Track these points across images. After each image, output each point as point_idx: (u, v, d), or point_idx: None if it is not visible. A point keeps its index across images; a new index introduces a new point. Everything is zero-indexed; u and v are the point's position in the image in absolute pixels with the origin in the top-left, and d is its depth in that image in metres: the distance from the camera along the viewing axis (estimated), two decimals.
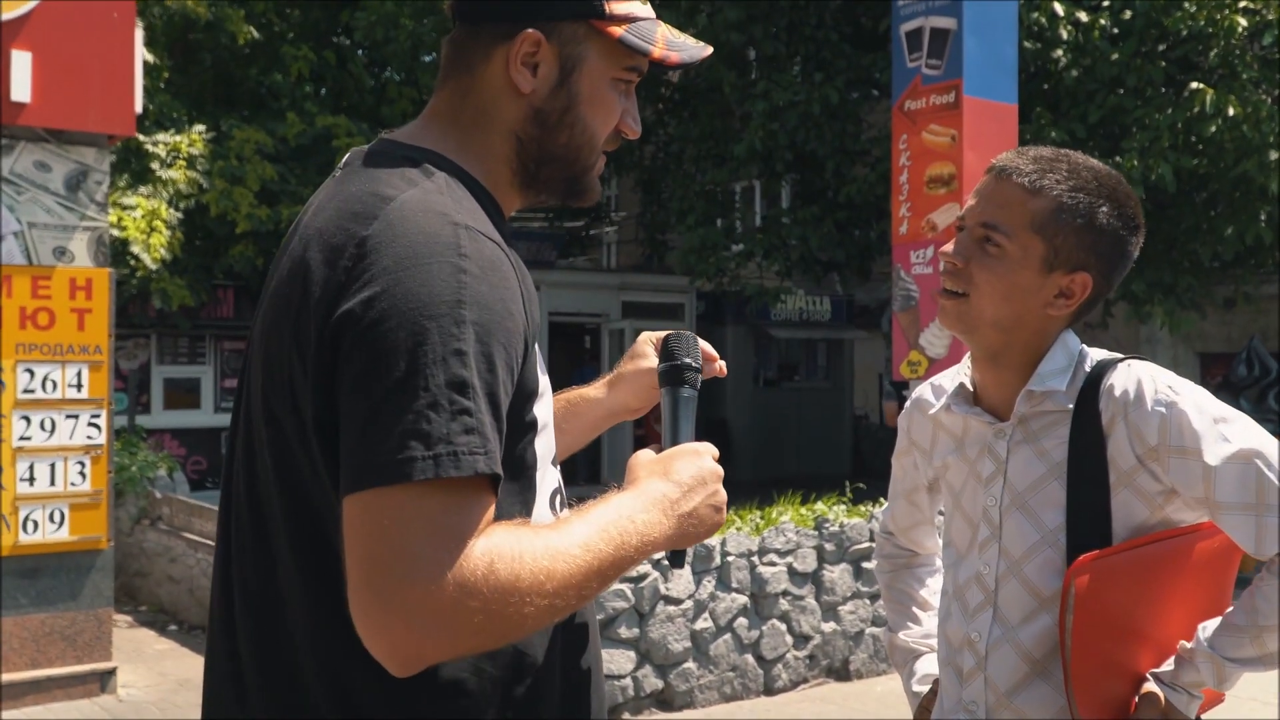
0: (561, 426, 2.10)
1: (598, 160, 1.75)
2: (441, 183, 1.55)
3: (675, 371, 1.82)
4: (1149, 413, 1.98)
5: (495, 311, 1.44)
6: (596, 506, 1.51)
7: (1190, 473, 1.96)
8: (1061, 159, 2.09)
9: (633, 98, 1.77)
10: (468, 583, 1.32)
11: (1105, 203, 2.05)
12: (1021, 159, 2.10)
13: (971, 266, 2.07)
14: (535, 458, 1.60)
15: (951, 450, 2.29)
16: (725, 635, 7.00)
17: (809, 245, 14.70)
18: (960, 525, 2.25)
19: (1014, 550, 2.12)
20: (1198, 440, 1.95)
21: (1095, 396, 2.05)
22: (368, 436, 1.36)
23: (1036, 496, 2.10)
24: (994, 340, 2.11)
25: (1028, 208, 2.04)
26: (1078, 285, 2.06)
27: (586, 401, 2.16)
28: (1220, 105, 10.91)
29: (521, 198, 1.74)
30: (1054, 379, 2.09)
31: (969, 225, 2.12)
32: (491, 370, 1.42)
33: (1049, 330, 2.13)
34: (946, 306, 2.12)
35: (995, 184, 2.10)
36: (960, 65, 8.24)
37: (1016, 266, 2.04)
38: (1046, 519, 2.08)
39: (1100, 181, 2.07)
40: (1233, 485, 1.93)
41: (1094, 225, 2.04)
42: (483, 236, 1.49)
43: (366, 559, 1.33)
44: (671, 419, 1.78)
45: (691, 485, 1.62)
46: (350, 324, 1.41)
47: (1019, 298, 2.06)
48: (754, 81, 14.71)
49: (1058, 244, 2.03)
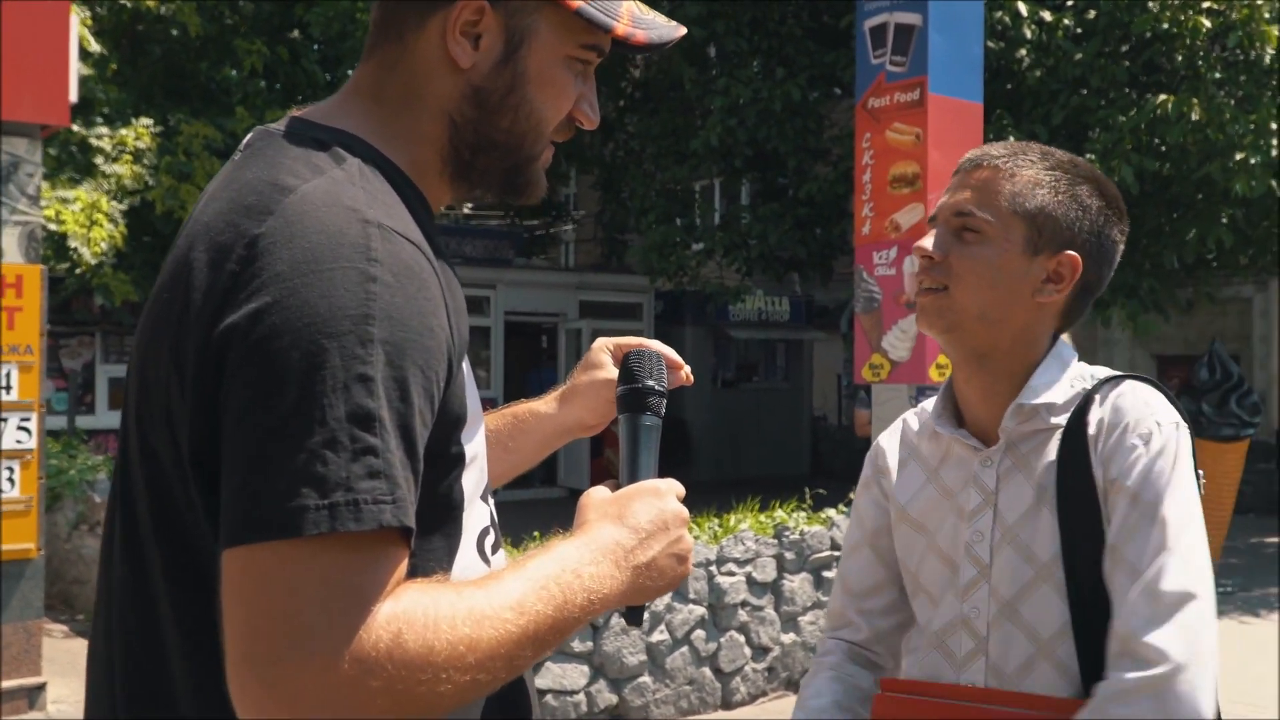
0: (508, 445, 1.89)
1: (544, 151, 1.51)
2: (354, 171, 1.31)
3: (636, 396, 1.59)
4: (1126, 445, 1.80)
5: (411, 328, 1.21)
6: (536, 557, 1.29)
7: (1122, 514, 1.78)
8: (1031, 145, 1.97)
9: (591, 82, 1.53)
10: (368, 658, 1.09)
11: (1084, 182, 1.93)
12: (990, 148, 1.98)
13: (950, 258, 1.90)
14: (462, 495, 1.37)
15: (923, 481, 2.07)
16: (682, 648, 6.79)
17: (769, 243, 14.52)
18: (934, 566, 2.01)
19: (1006, 590, 1.89)
20: (1154, 491, 1.77)
21: (1087, 411, 1.86)
22: (252, 480, 1.12)
23: (1027, 528, 1.88)
24: (980, 336, 1.91)
25: (1004, 189, 1.90)
26: (1066, 266, 1.90)
27: (536, 417, 1.93)
28: (1184, 108, 10.81)
29: (453, 190, 1.49)
30: (1048, 391, 1.90)
31: (943, 217, 1.94)
32: (405, 399, 1.19)
33: (1040, 326, 1.94)
34: (926, 305, 1.93)
35: (966, 175, 1.96)
36: (925, 62, 8.04)
37: (999, 249, 1.88)
38: (1040, 551, 1.87)
39: (1075, 164, 1.95)
40: (1143, 551, 1.74)
41: (1077, 201, 1.91)
42: (399, 237, 1.25)
43: (246, 629, 1.10)
44: (630, 451, 1.55)
45: (650, 531, 1.40)
46: (235, 341, 1.17)
47: (1005, 283, 1.89)
48: (715, 78, 14.51)
49: (1040, 222, 1.89)
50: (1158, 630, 1.68)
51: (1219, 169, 10.94)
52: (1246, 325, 20.47)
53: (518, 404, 1.96)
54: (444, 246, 1.39)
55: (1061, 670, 1.82)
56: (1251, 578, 11.91)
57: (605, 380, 1.87)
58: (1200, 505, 1.82)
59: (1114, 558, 1.77)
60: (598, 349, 1.93)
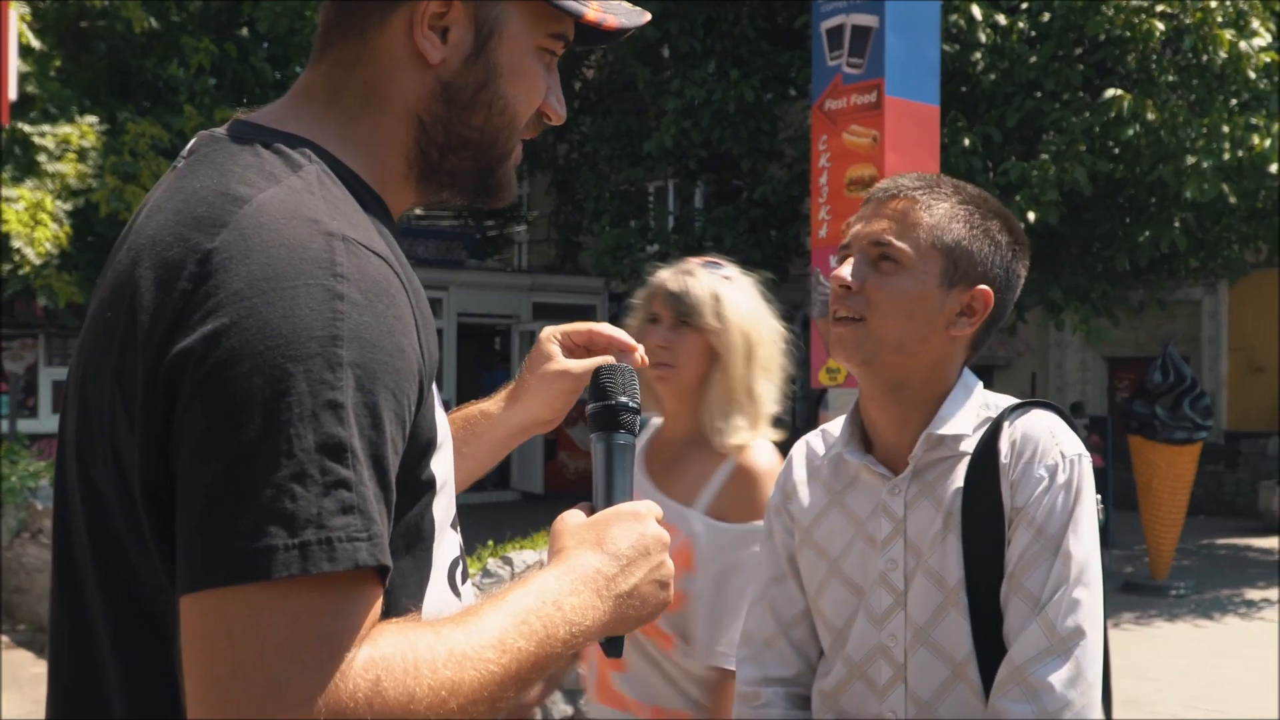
0: (462, 450, 1.78)
1: (515, 149, 1.42)
2: (312, 179, 1.21)
3: (609, 414, 1.49)
4: (1033, 475, 1.84)
5: (381, 348, 1.11)
6: (515, 590, 1.21)
7: (1023, 543, 1.83)
8: (942, 179, 2.01)
9: (556, 75, 1.44)
10: (346, 709, 1.01)
11: (995, 218, 1.97)
12: (903, 178, 2.01)
13: (868, 288, 1.92)
14: (433, 525, 1.28)
15: (825, 504, 2.07)
16: None
17: (723, 246, 14.45)
18: (837, 593, 2.01)
19: (919, 617, 1.92)
20: (1057, 524, 1.83)
21: (996, 438, 1.89)
22: (212, 519, 1.03)
23: (936, 554, 1.91)
24: (895, 368, 1.93)
25: (923, 221, 1.93)
26: (979, 300, 1.94)
27: (488, 419, 1.83)
28: (1137, 110, 10.84)
29: (418, 194, 1.40)
30: (957, 421, 1.93)
31: (859, 246, 1.94)
32: (377, 426, 1.10)
33: (951, 358, 1.97)
34: (843, 335, 1.93)
35: (880, 205, 1.98)
36: (882, 64, 8.01)
37: (917, 281, 1.91)
38: (948, 576, 1.89)
39: (985, 200, 2.00)
40: (1044, 584, 1.81)
41: (989, 236, 1.95)
42: (365, 250, 1.16)
43: (212, 684, 1.00)
44: (605, 473, 1.45)
45: (631, 558, 1.32)
46: (189, 367, 1.07)
47: (921, 314, 1.91)
48: (669, 79, 14.43)
49: (956, 256, 1.92)
50: (1052, 665, 1.75)
51: (1171, 172, 10.98)
52: (1195, 327, 20.64)
53: (467, 406, 1.87)
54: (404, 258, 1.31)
55: (976, 692, 1.86)
56: (1203, 580, 11.98)
57: (556, 372, 1.79)
58: (1098, 538, 1.88)
59: (1012, 584, 1.82)
60: (545, 339, 1.84)
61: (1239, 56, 11.08)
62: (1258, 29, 11.24)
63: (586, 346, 1.84)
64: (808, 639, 2.11)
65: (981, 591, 1.86)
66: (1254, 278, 16.55)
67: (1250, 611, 10.54)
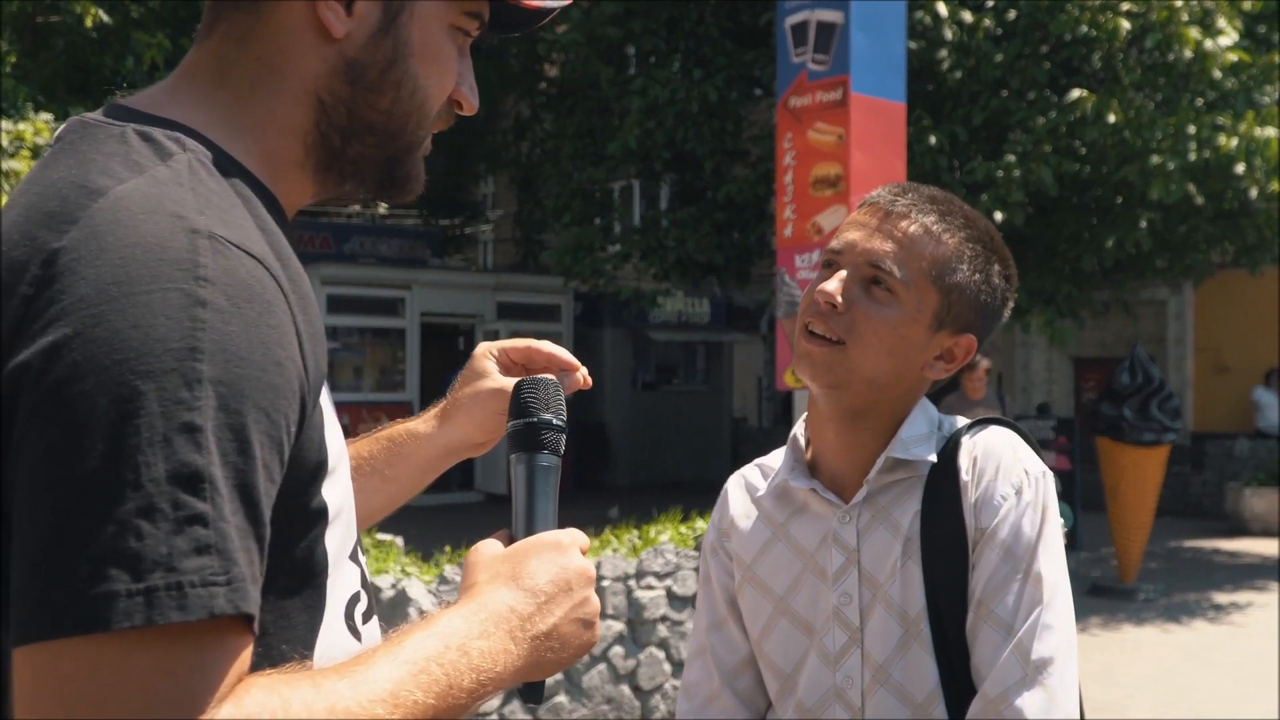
0: (385, 473, 1.65)
1: (425, 139, 1.27)
2: (183, 169, 1.05)
3: (530, 432, 1.34)
4: (997, 494, 1.71)
5: (251, 362, 0.96)
6: (414, 634, 1.06)
7: (991, 566, 1.70)
8: (955, 205, 1.85)
9: (469, 60, 1.30)
10: None
11: (996, 259, 1.84)
12: (916, 197, 1.83)
13: (855, 312, 1.76)
14: (326, 558, 1.13)
15: (768, 538, 1.90)
16: (600, 665, 6.55)
17: (687, 248, 14.34)
18: (786, 633, 1.85)
19: (878, 654, 1.76)
20: (1025, 545, 1.71)
21: (955, 456, 1.76)
22: (47, 560, 0.88)
23: (894, 584, 1.76)
24: (863, 398, 1.79)
25: (929, 252, 1.77)
26: (961, 348, 1.83)
27: (415, 439, 1.68)
28: (1102, 110, 10.77)
29: (316, 186, 1.25)
30: (919, 446, 1.79)
31: (854, 263, 1.77)
32: (244, 451, 0.94)
33: (916, 393, 1.84)
34: (815, 355, 1.76)
35: (886, 220, 1.80)
36: (847, 61, 7.88)
37: (909, 318, 1.77)
38: (910, 607, 1.74)
39: (990, 236, 1.85)
40: (1015, 609, 1.68)
41: (988, 282, 1.82)
42: (237, 250, 1.00)
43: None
44: (526, 498, 1.31)
45: (551, 594, 1.18)
46: (27, 383, 0.92)
47: (903, 353, 1.78)
48: (632, 78, 14.31)
49: (953, 299, 1.79)
50: (1030, 697, 1.63)
51: (1137, 172, 10.92)
52: (1161, 328, 20.67)
53: (393, 425, 1.72)
54: (297, 260, 1.15)
55: None
56: (1171, 583, 11.93)
57: (491, 390, 1.65)
58: (1065, 559, 1.76)
59: (980, 612, 1.69)
60: (480, 356, 1.69)
61: (1205, 55, 11.03)
62: (1224, 28, 11.19)
63: (524, 365, 1.70)
64: (754, 688, 1.94)
65: (945, 622, 1.72)
66: (1220, 278, 16.54)
67: (1219, 615, 10.48)
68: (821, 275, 1.82)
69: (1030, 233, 11.99)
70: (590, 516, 9.88)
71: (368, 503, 1.67)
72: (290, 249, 1.14)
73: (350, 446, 1.70)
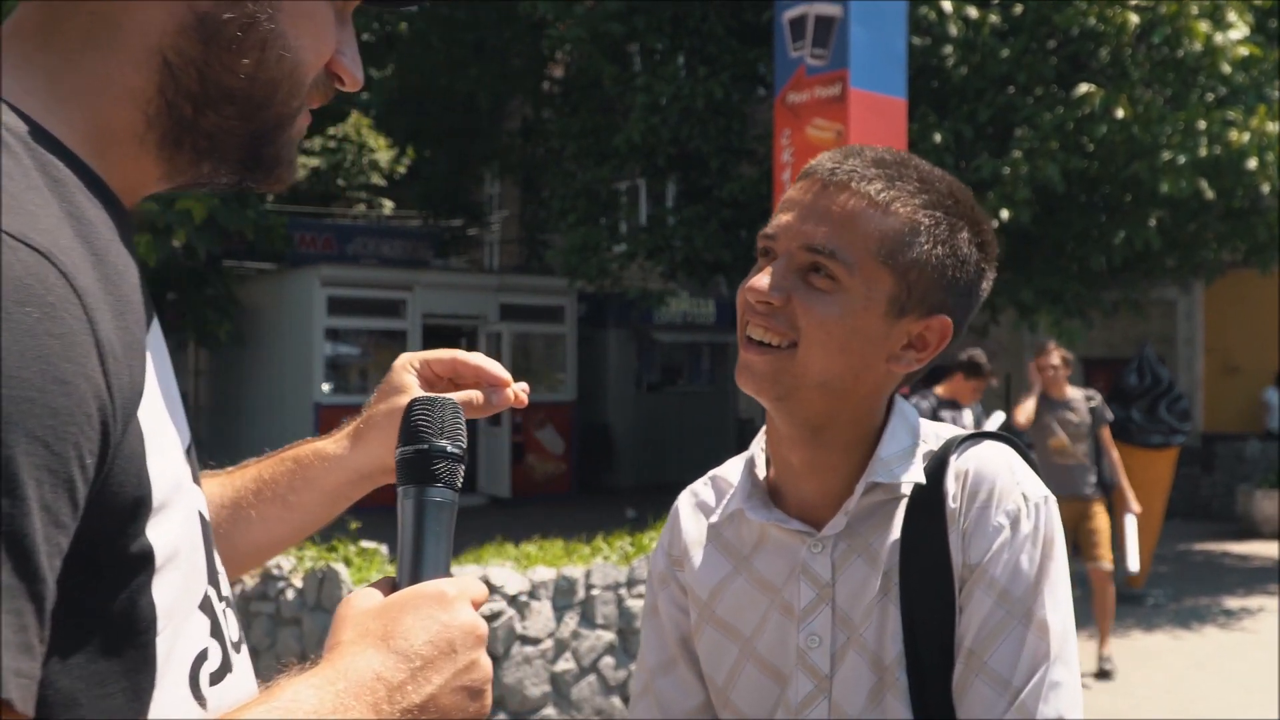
0: (288, 499, 1.46)
1: (300, 113, 1.08)
2: None
3: (422, 461, 1.13)
4: (990, 524, 1.46)
5: (21, 380, 0.78)
6: (254, 708, 0.89)
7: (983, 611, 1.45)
8: (908, 167, 1.55)
9: (350, 29, 1.11)
10: None
11: (965, 225, 1.54)
12: (857, 161, 1.53)
13: (794, 306, 1.49)
14: (153, 611, 0.94)
15: (729, 571, 1.64)
16: (589, 676, 6.36)
17: (693, 246, 14.16)
18: (753, 680, 1.59)
19: (849, 706, 1.51)
20: (1024, 586, 1.45)
21: (941, 476, 1.50)
22: None
23: (871, 625, 1.50)
24: (818, 408, 1.52)
25: (875, 228, 1.49)
26: (934, 332, 1.54)
27: (324, 462, 1.48)
28: (1110, 105, 10.57)
29: (165, 165, 1.05)
30: (902, 465, 1.52)
31: (787, 249, 1.52)
32: (13, 491, 0.76)
33: (884, 391, 1.58)
34: (754, 363, 1.51)
35: (823, 194, 1.52)
36: (846, 56, 7.69)
37: (858, 308, 1.49)
38: (885, 652, 1.49)
39: (957, 198, 1.55)
40: (1014, 663, 1.42)
41: (956, 253, 1.53)
42: (15, 241, 0.82)
43: None
44: (413, 539, 1.10)
45: (429, 658, 0.99)
46: None
47: (858, 349, 1.50)
48: (636, 75, 14.13)
49: (912, 280, 1.50)
50: None
51: (1146, 168, 10.71)
52: (1170, 328, 20.42)
53: (300, 444, 1.52)
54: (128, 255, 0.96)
55: None
56: (1181, 587, 11.71)
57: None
58: (1071, 600, 1.49)
59: (971, 663, 1.43)
60: (400, 369, 1.50)
61: (1214, 50, 10.81)
62: (1234, 21, 10.97)
63: (450, 378, 1.51)
64: None
65: (925, 671, 1.47)
66: (1230, 278, 16.30)
67: (1229, 621, 10.27)
68: (758, 266, 1.56)
69: (1037, 231, 11.78)
70: (596, 520, 9.71)
71: (269, 533, 1.48)
72: (118, 241, 0.96)
73: (251, 468, 1.52)
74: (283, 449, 1.52)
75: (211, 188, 1.10)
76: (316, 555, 6.46)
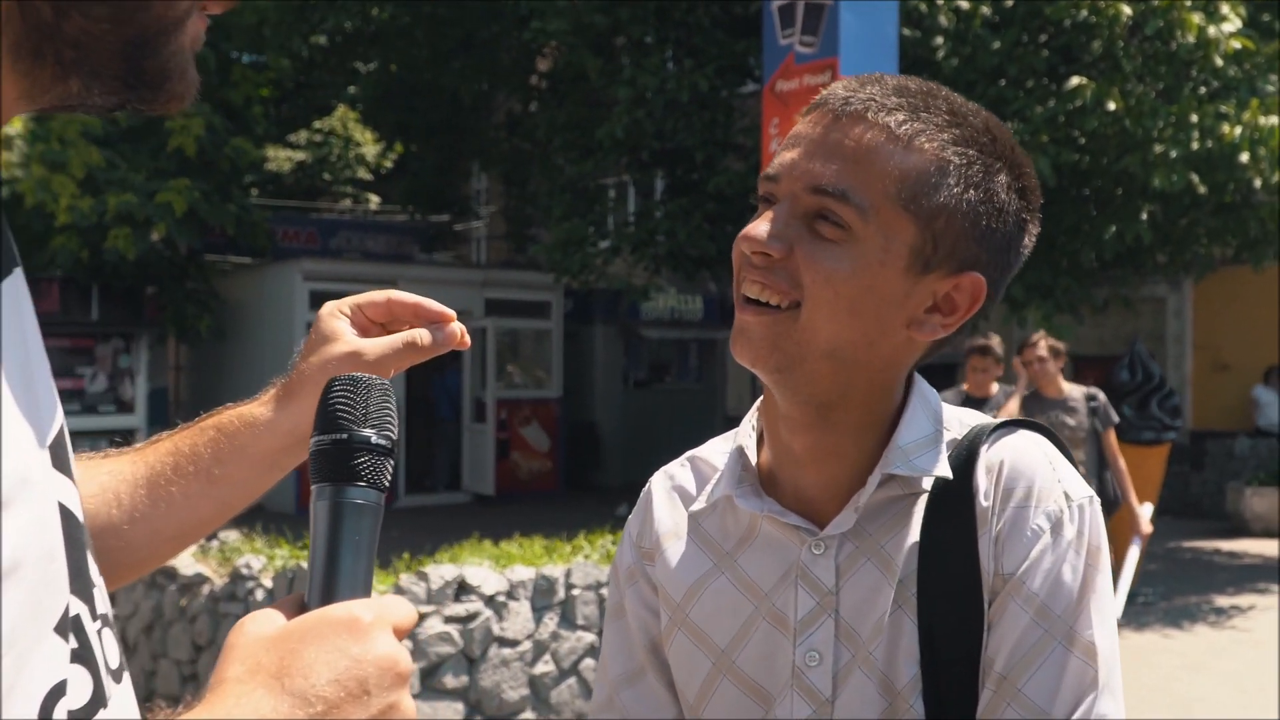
0: (213, 472, 1.29)
1: (190, 16, 0.87)
2: None
3: (340, 454, 0.92)
4: (1027, 528, 1.24)
5: None
6: None
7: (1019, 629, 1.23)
8: (937, 95, 1.31)
9: None
10: None
11: (1003, 167, 1.29)
12: (876, 89, 1.29)
13: (797, 258, 1.26)
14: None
15: (708, 569, 1.41)
16: (569, 679, 6.19)
17: (678, 240, 14.00)
18: (731, 699, 1.36)
19: None
20: (1066, 602, 1.24)
21: (970, 470, 1.28)
22: None
23: (881, 642, 1.28)
24: (824, 381, 1.29)
25: (894, 166, 1.25)
26: (964, 293, 1.30)
27: (251, 428, 1.31)
28: (1101, 98, 10.44)
29: (24, 82, 0.84)
30: (923, 455, 1.30)
31: (790, 191, 1.28)
32: None
33: (903, 365, 1.34)
34: (751, 327, 1.28)
35: (834, 126, 1.28)
36: (836, 43, 7.54)
37: (873, 262, 1.25)
38: (897, 674, 1.27)
39: (994, 135, 1.30)
40: (1055, 690, 1.22)
41: (992, 200, 1.28)
42: None
43: None
44: (326, 550, 0.90)
45: (334, 701, 0.79)
46: None
47: (873, 311, 1.26)
48: (620, 68, 13.97)
49: (937, 228, 1.26)
50: None
51: (1138, 161, 10.59)
52: (1160, 325, 20.32)
53: (221, 410, 1.34)
54: None
55: None
56: (1171, 586, 11.58)
57: (344, 355, 1.29)
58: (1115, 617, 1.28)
59: (1003, 690, 1.22)
60: (328, 315, 1.33)
61: (1207, 42, 10.68)
62: (1227, 14, 10.84)
63: (385, 323, 1.35)
64: None
65: (945, 699, 1.27)
66: (1220, 274, 16.18)
67: (1220, 620, 10.15)
68: (758, 213, 1.32)
69: None
70: (582, 518, 9.55)
71: (195, 512, 1.31)
72: None
73: (165, 441, 1.35)
74: (200, 417, 1.35)
75: (87, 110, 0.92)
76: (288, 554, 6.29)
